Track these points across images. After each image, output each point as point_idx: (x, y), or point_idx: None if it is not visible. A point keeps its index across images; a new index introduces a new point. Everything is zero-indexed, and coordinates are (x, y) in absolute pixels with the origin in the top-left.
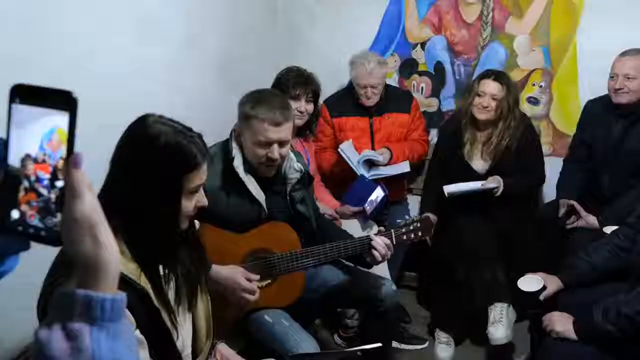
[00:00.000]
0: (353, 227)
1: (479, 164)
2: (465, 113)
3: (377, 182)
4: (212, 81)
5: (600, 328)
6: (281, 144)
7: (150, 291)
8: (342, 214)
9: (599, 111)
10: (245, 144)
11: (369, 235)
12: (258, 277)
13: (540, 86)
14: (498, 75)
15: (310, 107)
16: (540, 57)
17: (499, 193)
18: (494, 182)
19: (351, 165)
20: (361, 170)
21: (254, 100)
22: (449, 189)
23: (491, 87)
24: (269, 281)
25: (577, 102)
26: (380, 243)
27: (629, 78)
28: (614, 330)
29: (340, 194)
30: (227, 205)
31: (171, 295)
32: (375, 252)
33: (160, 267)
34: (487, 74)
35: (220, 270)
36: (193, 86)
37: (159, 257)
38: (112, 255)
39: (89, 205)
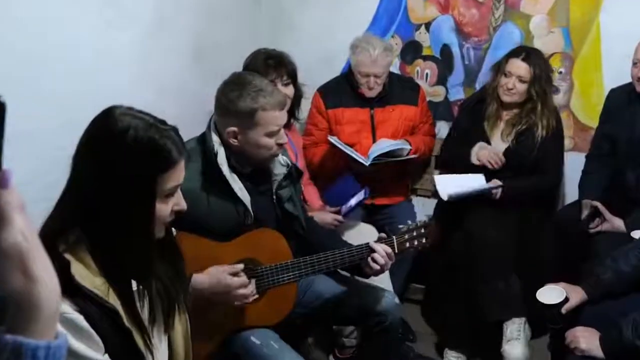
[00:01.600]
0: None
1: (498, 142)
2: (492, 92)
3: (361, 184)
4: (186, 69)
5: (630, 345)
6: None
7: (121, 310)
8: (322, 221)
9: (623, 101)
10: (248, 141)
11: (368, 243)
12: (242, 266)
13: (560, 72)
14: (529, 54)
15: (289, 91)
16: (559, 39)
17: (497, 196)
18: (493, 184)
19: (355, 156)
20: (367, 159)
21: (250, 92)
22: (447, 190)
23: (519, 67)
24: (257, 296)
25: (601, 90)
26: (381, 252)
27: None
28: None
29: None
30: (208, 208)
31: (145, 314)
32: (374, 263)
33: (133, 282)
34: (517, 52)
35: (202, 280)
36: (164, 74)
37: (131, 270)
38: (49, 292)
39: (18, 232)
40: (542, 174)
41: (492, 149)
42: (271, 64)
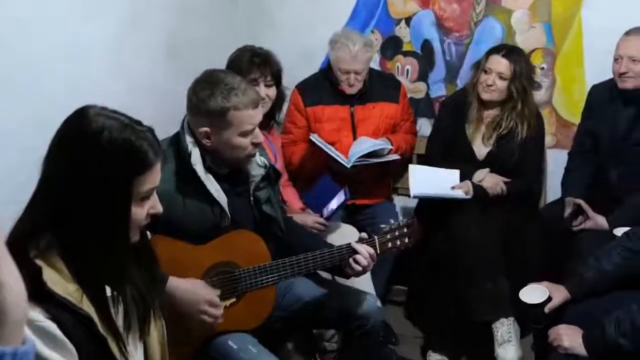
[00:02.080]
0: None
1: (479, 147)
2: (472, 90)
3: (341, 185)
4: (160, 67)
5: (613, 342)
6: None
7: (95, 316)
8: (304, 224)
9: (605, 98)
10: (222, 142)
11: (349, 243)
12: (219, 292)
13: (542, 68)
14: (510, 51)
15: (272, 92)
16: (541, 34)
17: (469, 196)
18: (464, 188)
19: (337, 157)
20: (349, 161)
21: (221, 90)
22: (416, 190)
23: (499, 64)
24: (234, 300)
25: (583, 86)
26: (364, 253)
27: (634, 61)
28: (628, 344)
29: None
30: (184, 210)
31: (119, 320)
32: (356, 264)
33: (107, 288)
34: (498, 49)
35: (179, 284)
36: (137, 71)
37: (105, 276)
38: (15, 297)
39: None
40: (520, 176)
41: (497, 178)
42: (256, 62)
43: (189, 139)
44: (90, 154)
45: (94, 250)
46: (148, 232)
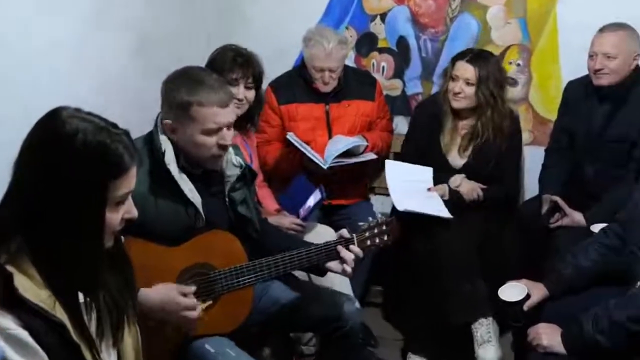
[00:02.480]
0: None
1: (455, 158)
2: (444, 100)
3: (316, 184)
4: (129, 62)
5: (591, 339)
6: (229, 126)
7: (68, 323)
8: (281, 226)
9: (580, 94)
10: (186, 137)
11: (328, 242)
12: (194, 288)
13: (518, 64)
14: (476, 56)
15: (250, 95)
16: (516, 30)
17: (445, 198)
18: (440, 191)
19: (313, 157)
20: (325, 162)
21: (187, 84)
22: (401, 205)
23: (465, 70)
24: (210, 302)
25: (559, 83)
26: (350, 255)
27: (608, 57)
28: (605, 341)
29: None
30: (156, 211)
31: (93, 327)
32: (346, 265)
33: (80, 294)
34: (463, 54)
35: (150, 293)
36: (104, 68)
37: (78, 282)
38: None
39: None
40: (497, 183)
41: (474, 184)
42: (239, 62)
43: (162, 138)
44: (64, 157)
45: (66, 256)
46: (122, 237)
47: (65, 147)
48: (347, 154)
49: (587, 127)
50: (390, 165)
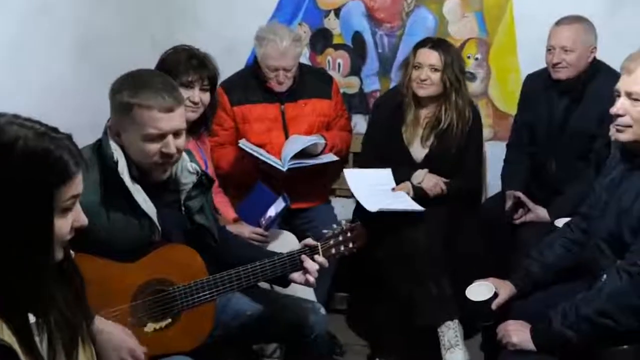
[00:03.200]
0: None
1: (417, 150)
2: (406, 90)
3: (278, 191)
4: (70, 63)
5: (560, 334)
6: (176, 134)
7: (17, 347)
8: (241, 235)
9: (539, 88)
10: (128, 142)
11: (293, 252)
12: (150, 327)
13: (476, 58)
14: (436, 43)
15: (206, 97)
16: (473, 24)
17: (410, 195)
18: (404, 189)
19: (270, 162)
20: (283, 165)
21: (131, 85)
22: (371, 206)
23: (429, 56)
24: (169, 320)
25: (518, 76)
26: (314, 266)
27: (566, 51)
28: (574, 335)
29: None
30: (109, 225)
31: (44, 348)
32: (309, 276)
33: (29, 315)
34: (423, 42)
35: (105, 326)
36: (44, 70)
37: (27, 301)
38: None
39: None
40: (459, 175)
41: (436, 178)
42: (194, 63)
43: (113, 145)
44: (4, 166)
45: (13, 273)
46: (72, 251)
47: (5, 155)
48: (306, 154)
49: (547, 121)
50: (350, 174)
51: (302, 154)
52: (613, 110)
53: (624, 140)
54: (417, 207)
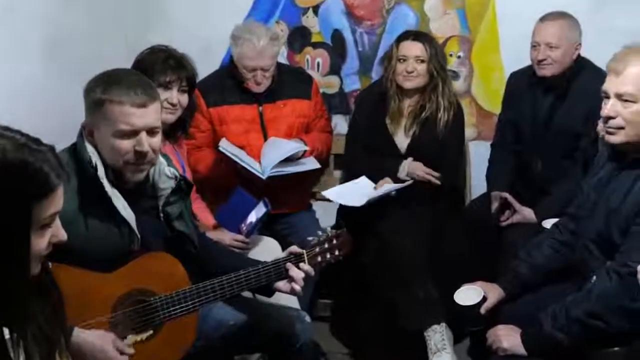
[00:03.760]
0: None
1: (401, 139)
2: (390, 83)
3: (258, 196)
4: (38, 64)
5: (550, 337)
6: (150, 132)
7: None
8: (221, 242)
9: (524, 86)
10: (101, 140)
11: (278, 260)
12: (130, 350)
13: (459, 56)
14: (418, 35)
15: (184, 99)
16: (455, 21)
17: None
18: (392, 186)
19: (250, 168)
20: (264, 172)
21: (104, 82)
22: (357, 201)
23: (413, 48)
24: (151, 332)
25: (501, 74)
26: (300, 274)
27: (551, 47)
28: (564, 338)
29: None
30: (87, 233)
31: None
32: (294, 284)
33: (5, 330)
34: (405, 35)
35: (86, 337)
36: (11, 71)
37: (3, 316)
38: None
39: None
40: (442, 169)
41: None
42: (172, 63)
43: (89, 149)
44: None
45: None
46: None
47: None
48: (287, 160)
49: (532, 119)
50: (330, 194)
51: (284, 160)
52: (604, 112)
53: (617, 143)
54: (403, 184)
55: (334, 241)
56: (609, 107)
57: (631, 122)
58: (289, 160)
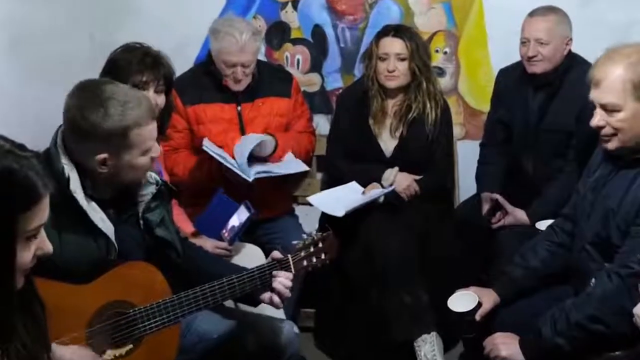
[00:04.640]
0: None
1: (386, 142)
2: (372, 82)
3: (237, 199)
4: (2, 63)
5: (550, 343)
6: None
7: None
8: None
9: (514, 83)
10: (119, 166)
11: (262, 266)
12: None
13: (445, 52)
14: (398, 30)
15: (161, 100)
16: (441, 16)
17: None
18: (377, 192)
19: (233, 168)
20: (249, 173)
21: (112, 107)
22: (339, 210)
23: (393, 45)
24: (131, 346)
25: (489, 70)
26: (284, 282)
27: (541, 43)
28: (565, 343)
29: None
30: (61, 247)
31: None
32: (275, 296)
33: None
34: (384, 32)
35: (63, 354)
36: None
37: None
38: None
39: None
40: (431, 170)
41: (408, 177)
42: (148, 62)
43: (64, 161)
44: None
45: None
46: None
47: None
48: (261, 158)
49: (523, 117)
50: (315, 199)
51: (258, 158)
52: (593, 123)
53: (613, 149)
54: (386, 191)
55: (320, 244)
56: (597, 117)
57: (621, 129)
58: (263, 157)
